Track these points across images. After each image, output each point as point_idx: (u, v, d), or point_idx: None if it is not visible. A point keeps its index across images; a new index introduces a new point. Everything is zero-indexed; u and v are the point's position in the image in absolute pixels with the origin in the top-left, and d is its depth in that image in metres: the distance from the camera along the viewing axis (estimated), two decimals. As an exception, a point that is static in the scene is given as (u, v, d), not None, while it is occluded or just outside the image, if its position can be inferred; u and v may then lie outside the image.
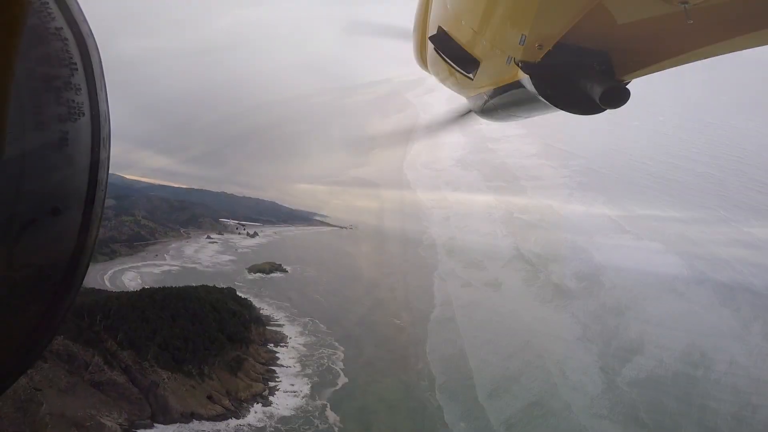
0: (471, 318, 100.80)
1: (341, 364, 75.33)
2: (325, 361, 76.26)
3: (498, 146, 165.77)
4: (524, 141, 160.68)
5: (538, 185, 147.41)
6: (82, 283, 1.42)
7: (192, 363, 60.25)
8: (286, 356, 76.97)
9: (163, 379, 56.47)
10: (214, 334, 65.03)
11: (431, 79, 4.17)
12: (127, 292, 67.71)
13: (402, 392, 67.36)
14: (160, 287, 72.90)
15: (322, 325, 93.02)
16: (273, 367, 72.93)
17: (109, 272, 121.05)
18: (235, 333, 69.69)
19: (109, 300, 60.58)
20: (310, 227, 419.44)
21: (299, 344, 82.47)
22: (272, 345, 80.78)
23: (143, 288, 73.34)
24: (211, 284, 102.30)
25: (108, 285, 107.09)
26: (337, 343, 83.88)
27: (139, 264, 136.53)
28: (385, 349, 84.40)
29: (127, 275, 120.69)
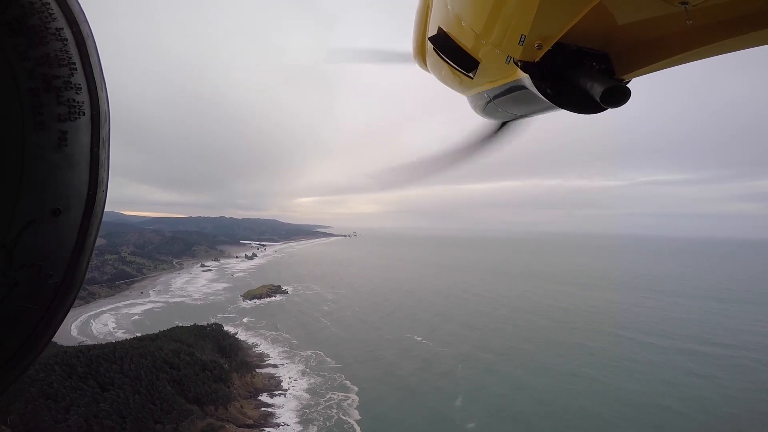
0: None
1: (356, 414, 56.02)
2: (335, 410, 57.05)
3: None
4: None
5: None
6: (82, 283, 1.41)
7: (137, 448, 41.76)
8: (283, 410, 57.98)
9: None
10: (170, 400, 46.47)
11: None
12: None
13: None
14: (90, 345, 54.91)
15: (328, 359, 73.93)
16: (266, 429, 54.05)
17: (81, 317, 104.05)
18: (204, 393, 51.16)
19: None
20: (314, 239, 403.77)
21: (301, 390, 63.40)
22: (265, 395, 61.92)
23: (64, 347, 55.07)
24: (196, 320, 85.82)
25: (76, 334, 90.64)
26: (349, 383, 64.67)
27: (120, 304, 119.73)
28: (411, 382, 65.02)
29: (100, 319, 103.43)
